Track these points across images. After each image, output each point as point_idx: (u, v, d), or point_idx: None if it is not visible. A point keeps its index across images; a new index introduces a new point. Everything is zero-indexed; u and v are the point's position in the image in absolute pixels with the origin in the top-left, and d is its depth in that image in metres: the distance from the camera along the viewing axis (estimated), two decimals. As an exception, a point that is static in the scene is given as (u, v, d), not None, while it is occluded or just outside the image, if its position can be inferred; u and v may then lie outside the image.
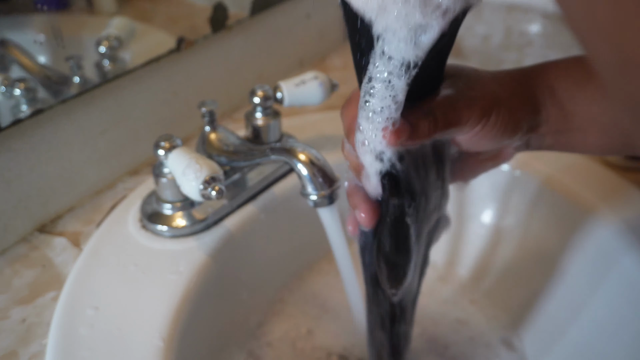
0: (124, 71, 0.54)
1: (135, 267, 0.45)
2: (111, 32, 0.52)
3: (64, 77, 0.49)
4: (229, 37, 0.66)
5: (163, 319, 0.40)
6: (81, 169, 0.54)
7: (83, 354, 0.38)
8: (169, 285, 0.43)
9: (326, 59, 0.85)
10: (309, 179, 0.41)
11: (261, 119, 0.54)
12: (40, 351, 0.40)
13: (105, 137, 0.55)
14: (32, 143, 0.48)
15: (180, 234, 0.48)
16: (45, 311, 0.43)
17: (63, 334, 0.39)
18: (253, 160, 0.46)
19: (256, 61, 0.72)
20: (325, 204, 0.42)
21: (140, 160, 0.60)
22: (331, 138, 0.61)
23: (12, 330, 0.42)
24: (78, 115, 0.52)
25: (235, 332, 0.54)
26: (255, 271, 0.55)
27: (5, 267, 0.47)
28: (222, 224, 0.50)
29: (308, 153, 0.42)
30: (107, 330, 0.40)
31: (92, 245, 0.47)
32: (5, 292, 0.45)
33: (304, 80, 0.53)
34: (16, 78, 0.45)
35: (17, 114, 0.45)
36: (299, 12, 0.78)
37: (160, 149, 0.44)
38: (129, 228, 0.49)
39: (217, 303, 0.49)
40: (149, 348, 0.38)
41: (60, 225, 0.52)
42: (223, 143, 0.49)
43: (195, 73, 0.63)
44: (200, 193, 0.40)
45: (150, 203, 0.50)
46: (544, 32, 0.71)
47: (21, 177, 0.48)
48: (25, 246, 0.50)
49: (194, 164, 0.41)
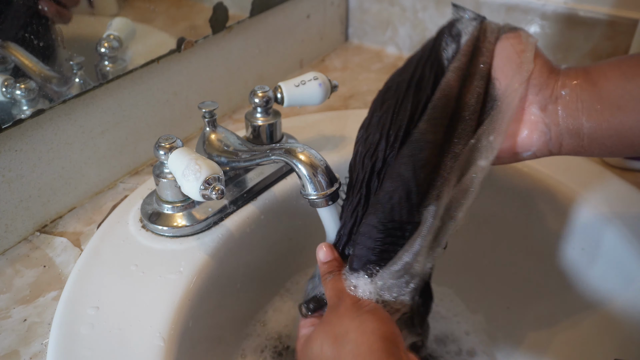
0: (124, 71, 0.54)
1: (135, 267, 0.45)
2: (112, 33, 0.52)
3: (65, 77, 0.49)
4: (229, 37, 0.66)
5: (163, 319, 0.41)
6: (82, 169, 0.54)
7: (84, 354, 0.38)
8: (170, 285, 0.43)
9: (326, 60, 0.85)
10: (309, 179, 0.42)
11: (261, 120, 0.54)
12: (41, 351, 0.40)
13: (106, 137, 0.55)
14: (32, 143, 0.49)
15: (180, 234, 0.48)
16: (46, 311, 0.43)
17: (64, 333, 0.40)
18: (253, 160, 0.46)
19: (256, 62, 0.72)
20: (325, 204, 0.42)
21: (141, 161, 0.60)
22: (331, 138, 0.61)
23: (13, 329, 0.42)
24: (78, 116, 0.52)
25: (236, 332, 0.54)
26: (256, 271, 0.55)
27: (6, 267, 0.47)
28: (222, 224, 0.50)
29: (308, 153, 0.42)
30: (108, 330, 0.40)
31: (92, 245, 0.47)
32: (7, 291, 0.45)
33: (303, 80, 0.53)
34: (17, 78, 0.46)
35: (18, 114, 0.46)
36: (299, 13, 0.78)
37: (161, 149, 0.44)
38: (130, 228, 0.49)
39: (218, 303, 0.49)
40: (150, 347, 0.38)
41: (61, 225, 0.52)
42: (223, 143, 0.49)
43: (195, 73, 0.63)
44: (201, 193, 0.40)
45: (150, 203, 0.50)
46: (543, 33, 0.72)
47: (22, 177, 0.49)
48: (26, 246, 0.50)
49: (194, 165, 0.41)
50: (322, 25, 0.84)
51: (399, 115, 0.41)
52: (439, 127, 0.39)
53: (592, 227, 0.52)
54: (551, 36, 0.72)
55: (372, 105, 0.44)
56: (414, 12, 0.82)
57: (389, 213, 0.38)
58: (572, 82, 0.38)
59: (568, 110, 0.38)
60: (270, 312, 0.58)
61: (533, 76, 0.39)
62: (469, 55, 0.42)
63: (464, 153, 0.39)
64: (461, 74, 0.41)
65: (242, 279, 0.53)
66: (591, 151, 0.39)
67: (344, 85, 0.75)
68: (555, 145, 0.39)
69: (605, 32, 0.68)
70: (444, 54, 0.43)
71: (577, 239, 0.54)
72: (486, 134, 0.39)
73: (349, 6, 0.88)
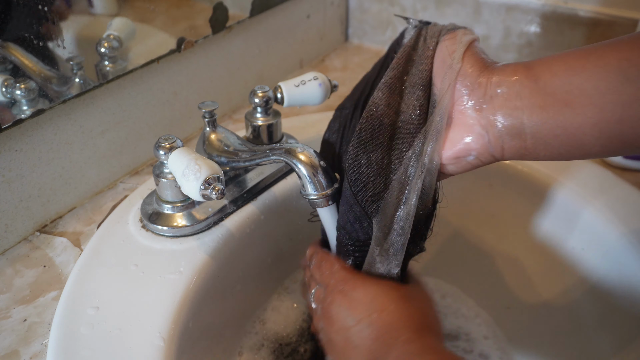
0: (124, 71, 0.54)
1: (135, 267, 0.45)
2: (112, 33, 0.52)
3: (65, 77, 0.49)
4: (229, 37, 0.66)
5: (163, 319, 0.41)
6: (82, 169, 0.54)
7: (84, 354, 0.38)
8: (170, 285, 0.43)
9: (326, 60, 0.85)
10: (309, 179, 0.42)
11: (261, 120, 0.54)
12: (41, 351, 0.40)
13: (106, 137, 0.55)
14: (32, 143, 0.49)
15: (180, 234, 0.48)
16: (46, 311, 0.43)
17: (64, 333, 0.40)
18: (253, 160, 0.46)
19: (256, 62, 0.72)
20: (325, 204, 0.42)
21: (141, 161, 0.60)
22: (331, 138, 0.61)
23: (13, 329, 0.42)
24: (78, 116, 0.52)
25: (236, 331, 0.54)
26: (255, 271, 0.55)
27: (6, 267, 0.47)
28: (222, 224, 0.50)
29: (308, 153, 0.42)
30: (108, 330, 0.40)
31: (92, 245, 0.47)
32: (7, 291, 0.45)
33: (303, 80, 0.53)
34: (17, 78, 0.46)
35: (18, 114, 0.46)
36: (299, 13, 0.78)
37: (161, 149, 0.44)
38: (130, 228, 0.49)
39: (217, 303, 0.49)
40: (150, 347, 0.38)
41: (61, 225, 0.52)
42: (223, 143, 0.49)
43: (195, 73, 0.63)
44: (201, 193, 0.40)
45: (150, 203, 0.50)
46: (543, 33, 0.72)
47: (22, 177, 0.49)
48: (26, 246, 0.50)
49: (194, 165, 0.41)
50: (322, 25, 0.84)
51: (346, 137, 0.43)
52: (370, 148, 0.39)
53: (592, 227, 0.52)
54: (551, 36, 0.72)
55: (328, 125, 0.46)
56: (414, 12, 0.82)
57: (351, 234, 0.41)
58: (510, 78, 0.35)
59: (505, 109, 0.35)
60: (269, 311, 0.58)
61: (462, 75, 0.37)
62: (402, 66, 0.40)
63: (402, 165, 0.39)
64: (389, 89, 0.40)
65: (242, 279, 0.53)
66: (536, 153, 0.36)
67: (344, 85, 0.75)
68: (497, 148, 0.36)
69: (605, 32, 0.68)
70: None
71: (577, 239, 0.54)
72: (426, 143, 0.38)
73: (349, 6, 0.89)
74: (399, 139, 0.39)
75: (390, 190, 0.39)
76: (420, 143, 0.38)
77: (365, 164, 0.39)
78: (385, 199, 0.39)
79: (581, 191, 0.54)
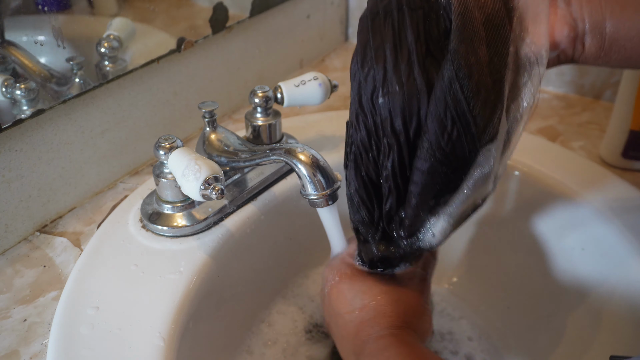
0: (124, 71, 0.54)
1: (135, 267, 0.45)
2: (112, 33, 0.52)
3: (65, 77, 0.49)
4: (229, 37, 0.66)
5: (163, 319, 0.41)
6: (81, 169, 0.54)
7: (84, 354, 0.38)
8: (170, 285, 0.43)
9: (326, 60, 0.85)
10: (309, 179, 0.42)
11: (261, 120, 0.54)
12: (41, 351, 0.40)
13: (106, 137, 0.55)
14: (32, 143, 0.49)
15: (180, 234, 0.48)
16: (46, 311, 0.43)
17: (64, 333, 0.40)
18: (253, 160, 0.46)
19: (256, 62, 0.73)
20: (325, 204, 0.42)
21: (141, 161, 0.60)
22: (331, 138, 0.61)
23: (13, 329, 0.42)
24: (78, 116, 0.52)
25: (236, 331, 0.54)
26: (255, 271, 0.55)
27: (6, 267, 0.47)
28: (222, 224, 0.50)
29: (308, 153, 0.42)
30: (108, 330, 0.40)
31: (92, 245, 0.47)
32: (7, 291, 0.45)
33: (303, 80, 0.53)
34: (17, 78, 0.46)
35: (18, 114, 0.46)
36: (299, 13, 0.78)
37: (161, 149, 0.44)
38: (130, 228, 0.49)
39: (217, 303, 0.49)
40: (150, 347, 0.38)
41: (61, 225, 0.52)
42: (223, 143, 0.49)
43: (195, 73, 0.64)
44: (201, 193, 0.40)
45: (150, 203, 0.50)
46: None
47: (22, 177, 0.49)
48: (26, 246, 0.50)
49: (194, 165, 0.41)
50: (322, 25, 0.84)
51: (405, 40, 0.35)
52: (477, 44, 0.33)
53: (592, 227, 0.52)
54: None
55: (361, 37, 0.37)
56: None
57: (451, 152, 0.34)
58: None
59: (591, 6, 0.37)
60: (271, 311, 0.58)
61: None
62: None
63: (508, 66, 0.34)
64: None
65: (242, 279, 0.53)
66: (610, 56, 0.37)
67: (344, 85, 0.75)
68: (579, 45, 0.38)
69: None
70: None
71: (577, 239, 0.54)
72: (523, 36, 0.35)
73: (349, 6, 0.89)
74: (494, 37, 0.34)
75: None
76: (518, 36, 0.35)
77: (475, 62, 0.33)
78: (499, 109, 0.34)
79: (581, 191, 0.54)
